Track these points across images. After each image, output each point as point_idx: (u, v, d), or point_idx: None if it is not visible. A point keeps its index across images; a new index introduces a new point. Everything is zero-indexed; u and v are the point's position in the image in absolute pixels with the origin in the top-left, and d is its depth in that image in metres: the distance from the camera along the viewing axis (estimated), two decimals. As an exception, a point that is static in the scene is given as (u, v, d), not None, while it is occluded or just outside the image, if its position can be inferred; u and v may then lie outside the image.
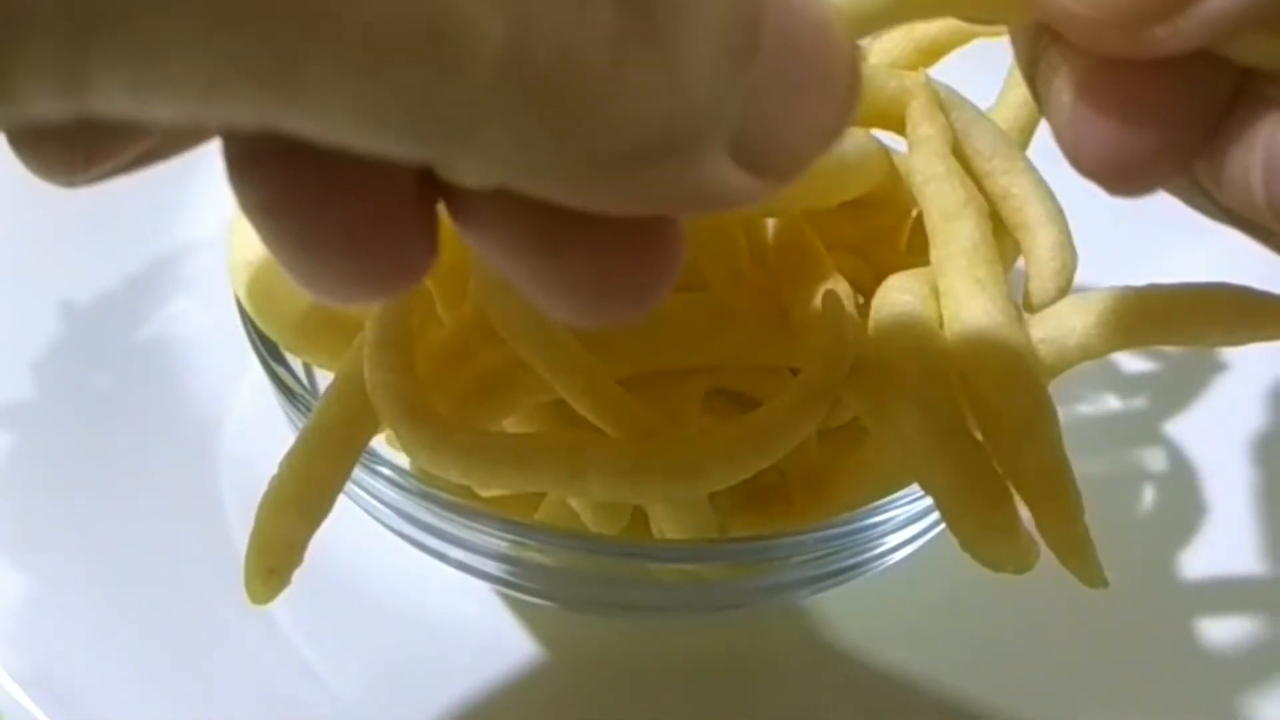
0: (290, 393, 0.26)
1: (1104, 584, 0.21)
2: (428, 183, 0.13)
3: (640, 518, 0.26)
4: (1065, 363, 0.23)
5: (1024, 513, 0.21)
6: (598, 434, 0.23)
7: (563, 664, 0.29)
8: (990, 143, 0.25)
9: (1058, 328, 0.23)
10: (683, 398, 0.25)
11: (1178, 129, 0.15)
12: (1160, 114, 0.15)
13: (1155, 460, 0.34)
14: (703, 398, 0.26)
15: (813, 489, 0.26)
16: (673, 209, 0.13)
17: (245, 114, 0.10)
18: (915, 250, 0.27)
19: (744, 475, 0.22)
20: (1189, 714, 0.29)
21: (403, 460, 0.24)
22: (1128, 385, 0.36)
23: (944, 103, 0.25)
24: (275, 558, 0.22)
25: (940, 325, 0.22)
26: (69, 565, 0.30)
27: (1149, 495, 0.33)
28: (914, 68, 0.27)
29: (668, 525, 0.25)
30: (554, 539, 0.25)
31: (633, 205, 0.12)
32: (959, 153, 0.25)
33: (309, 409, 0.23)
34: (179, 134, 0.14)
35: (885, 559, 0.27)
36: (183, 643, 0.29)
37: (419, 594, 0.30)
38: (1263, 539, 0.32)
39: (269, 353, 0.26)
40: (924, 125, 0.24)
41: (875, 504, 0.25)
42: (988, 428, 0.21)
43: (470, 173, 0.12)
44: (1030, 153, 0.26)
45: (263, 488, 0.22)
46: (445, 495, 0.25)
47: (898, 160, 0.26)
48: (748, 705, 0.29)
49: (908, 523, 0.26)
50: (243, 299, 0.26)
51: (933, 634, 0.30)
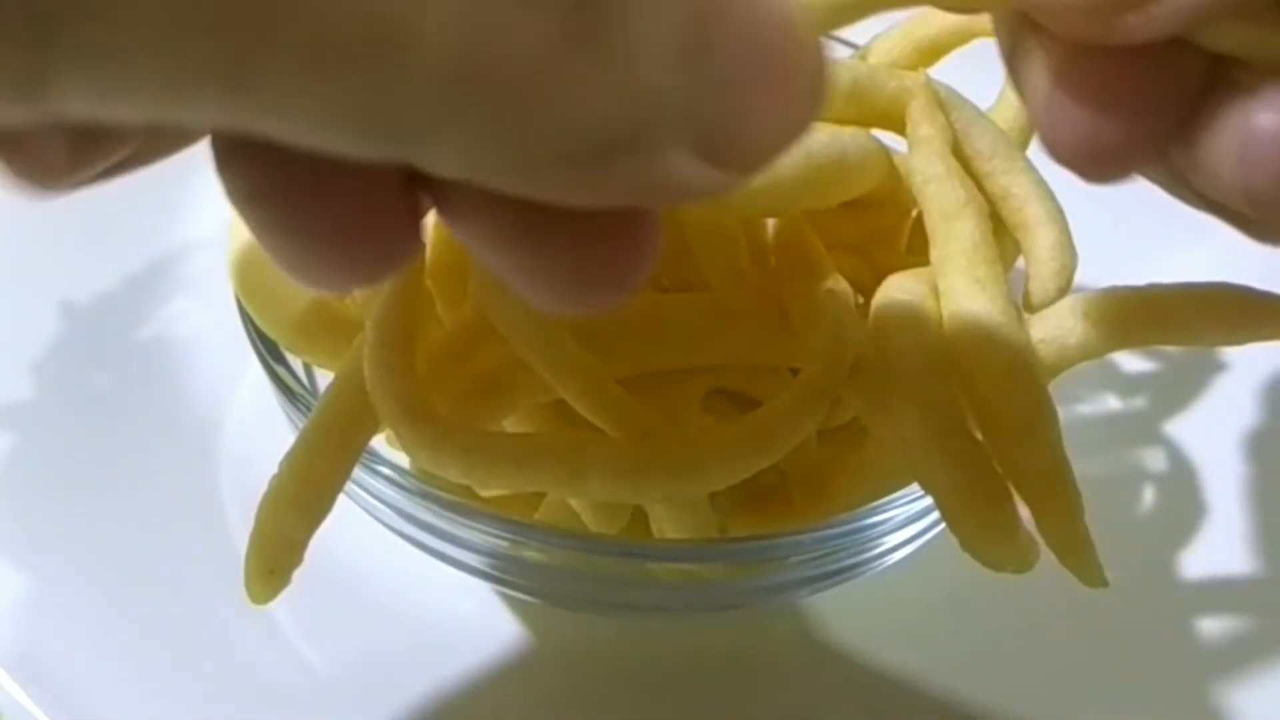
0: (290, 393, 0.26)
1: (1104, 584, 0.21)
2: (411, 172, 0.13)
3: (640, 518, 0.26)
4: (1065, 363, 0.23)
5: (1024, 512, 0.21)
6: (598, 434, 0.23)
7: (562, 664, 0.29)
8: (990, 143, 0.25)
9: (1058, 328, 0.23)
10: (683, 398, 0.25)
11: (1151, 116, 0.15)
12: (1134, 101, 0.15)
13: (1155, 460, 0.34)
14: (703, 398, 0.26)
15: (812, 489, 0.26)
16: (638, 202, 0.13)
17: (209, 116, 0.10)
18: (915, 250, 0.27)
19: (744, 475, 0.22)
20: (1189, 714, 0.29)
21: (403, 460, 0.24)
22: (1128, 385, 0.36)
23: (944, 103, 0.25)
24: (275, 557, 0.22)
25: (940, 325, 0.22)
26: (69, 565, 0.30)
27: (1149, 495, 0.33)
28: (914, 68, 0.27)
29: (668, 525, 0.25)
30: (554, 539, 0.25)
31: (597, 199, 0.12)
32: (959, 153, 0.25)
33: (309, 409, 0.23)
34: (164, 136, 0.14)
35: (885, 559, 0.27)
36: (183, 643, 0.29)
37: (419, 593, 0.30)
38: (1262, 539, 0.32)
39: (269, 353, 0.26)
40: (924, 125, 0.24)
41: (875, 504, 0.25)
42: (988, 427, 0.21)
43: (437, 170, 0.12)
44: (1030, 153, 0.26)
45: (263, 488, 0.22)
46: (445, 495, 0.25)
47: (898, 160, 0.26)
48: (748, 705, 0.29)
49: (907, 523, 0.26)
50: (243, 299, 0.26)
51: (932, 634, 0.30)
